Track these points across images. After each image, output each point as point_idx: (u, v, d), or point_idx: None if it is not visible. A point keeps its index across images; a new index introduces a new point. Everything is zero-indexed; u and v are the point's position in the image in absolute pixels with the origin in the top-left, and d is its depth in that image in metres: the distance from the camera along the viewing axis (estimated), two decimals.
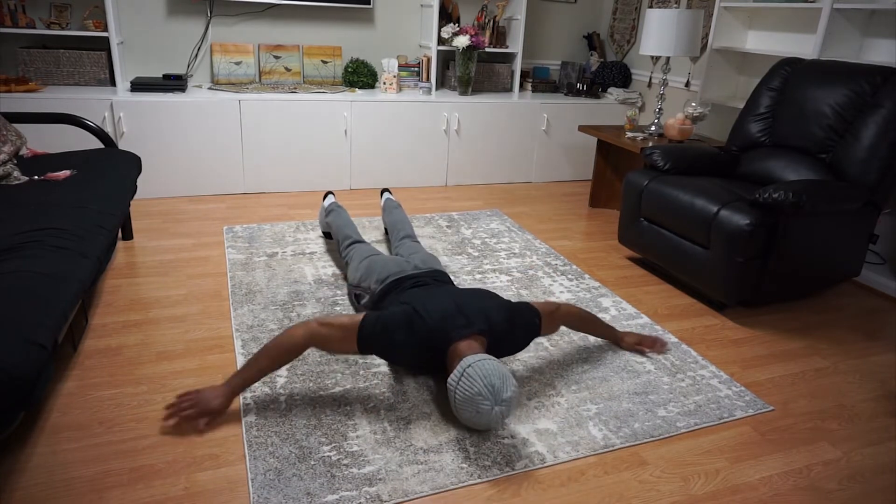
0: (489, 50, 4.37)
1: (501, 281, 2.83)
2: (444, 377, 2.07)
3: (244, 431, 1.75)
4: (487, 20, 4.39)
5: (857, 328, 2.63)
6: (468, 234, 3.40)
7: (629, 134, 3.68)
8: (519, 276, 2.90)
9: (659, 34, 3.41)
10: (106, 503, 1.50)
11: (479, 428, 1.77)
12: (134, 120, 3.51)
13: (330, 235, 3.15)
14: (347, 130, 3.96)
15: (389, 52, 4.50)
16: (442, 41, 4.23)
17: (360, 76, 4.28)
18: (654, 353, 2.30)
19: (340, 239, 2.68)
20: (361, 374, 2.06)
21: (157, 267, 2.80)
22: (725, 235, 2.45)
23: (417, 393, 1.98)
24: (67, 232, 1.96)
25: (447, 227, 3.50)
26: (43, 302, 1.57)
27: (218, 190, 3.82)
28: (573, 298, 2.70)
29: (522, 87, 4.81)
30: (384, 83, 4.20)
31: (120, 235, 3.09)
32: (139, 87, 3.64)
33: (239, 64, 4.06)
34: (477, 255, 3.12)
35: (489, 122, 4.28)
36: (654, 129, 3.71)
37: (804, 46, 3.47)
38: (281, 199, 3.83)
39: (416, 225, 3.48)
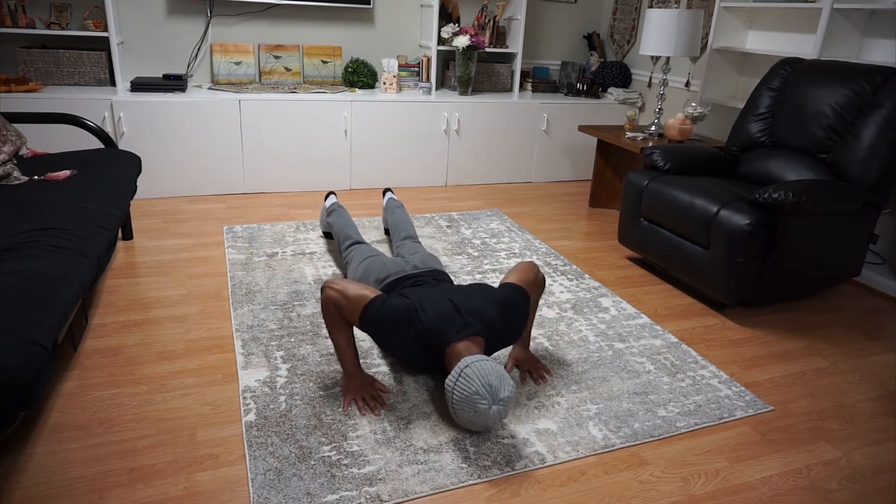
0: (489, 50, 4.37)
1: None
2: (443, 377, 2.08)
3: (244, 431, 1.76)
4: (487, 20, 4.39)
5: (856, 328, 2.63)
6: (468, 234, 3.40)
7: (629, 134, 3.68)
8: None
9: (659, 34, 3.41)
10: (106, 503, 1.50)
11: (476, 429, 1.77)
12: (134, 120, 3.51)
13: (331, 235, 3.15)
14: (347, 130, 3.96)
15: (389, 52, 4.50)
16: (442, 41, 4.22)
17: (360, 76, 4.28)
18: (535, 376, 2.09)
19: (341, 239, 2.68)
20: None
21: (157, 267, 2.80)
22: (725, 235, 2.45)
23: (417, 393, 1.98)
24: (67, 232, 1.96)
25: (447, 227, 3.50)
26: (43, 302, 1.57)
27: (218, 190, 3.82)
28: (573, 298, 2.70)
29: (522, 87, 4.81)
30: (384, 83, 4.20)
31: (120, 235, 3.09)
32: (139, 87, 3.64)
33: (239, 64, 4.06)
34: (477, 255, 3.12)
35: (489, 122, 4.28)
36: (654, 129, 3.71)
37: (804, 46, 3.47)
38: (281, 199, 3.83)
39: (416, 225, 3.48)
